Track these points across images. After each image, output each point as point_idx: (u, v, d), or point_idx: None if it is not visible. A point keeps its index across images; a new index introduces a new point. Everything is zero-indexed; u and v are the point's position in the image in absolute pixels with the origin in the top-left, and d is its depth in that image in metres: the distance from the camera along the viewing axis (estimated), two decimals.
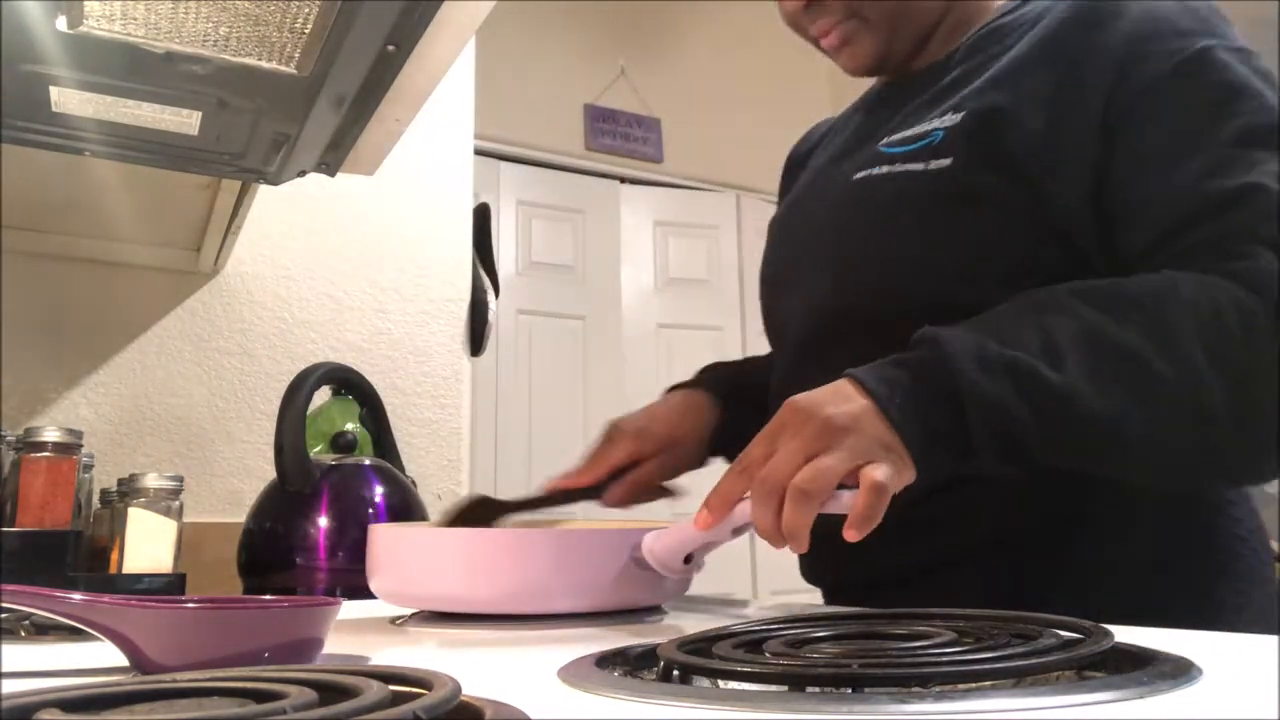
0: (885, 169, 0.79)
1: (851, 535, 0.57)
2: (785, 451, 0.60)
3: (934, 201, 0.75)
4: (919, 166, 0.76)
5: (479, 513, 0.84)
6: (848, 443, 0.59)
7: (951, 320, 0.68)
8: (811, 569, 0.87)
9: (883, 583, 0.80)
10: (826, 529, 0.58)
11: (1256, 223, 0.64)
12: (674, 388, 0.98)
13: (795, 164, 1.04)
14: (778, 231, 0.95)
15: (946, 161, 0.74)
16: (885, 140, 0.82)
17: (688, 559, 0.69)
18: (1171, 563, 0.73)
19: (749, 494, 0.61)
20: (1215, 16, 0.73)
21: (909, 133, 0.79)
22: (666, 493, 0.92)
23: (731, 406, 0.95)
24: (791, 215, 0.94)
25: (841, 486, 0.59)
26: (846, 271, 0.81)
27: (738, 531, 0.65)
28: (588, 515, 0.93)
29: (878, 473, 0.57)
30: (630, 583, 0.70)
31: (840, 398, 0.61)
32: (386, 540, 0.74)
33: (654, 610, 0.77)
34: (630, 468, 0.89)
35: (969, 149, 0.74)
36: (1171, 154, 0.69)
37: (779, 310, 0.91)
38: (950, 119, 0.76)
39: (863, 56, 0.86)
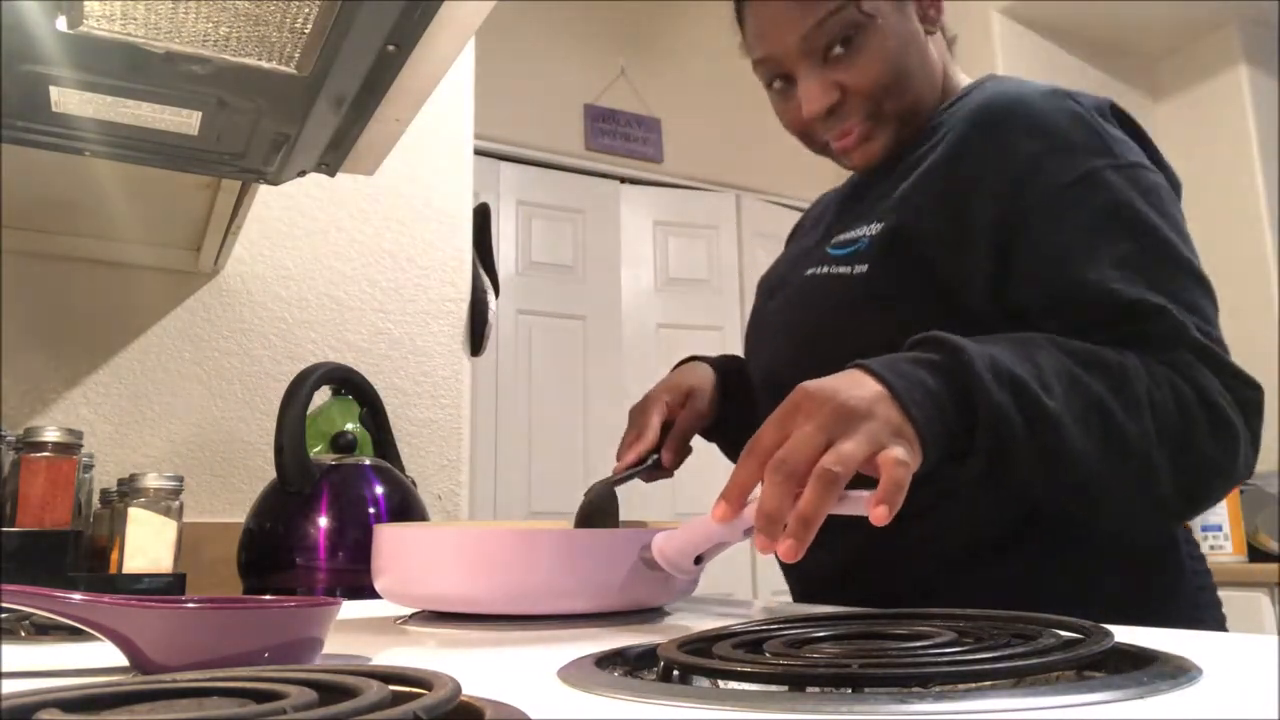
0: (826, 270, 0.86)
1: (881, 514, 0.55)
2: (802, 434, 0.58)
3: (858, 302, 0.81)
4: (847, 270, 0.83)
5: (604, 507, 0.87)
6: (864, 428, 0.59)
7: None
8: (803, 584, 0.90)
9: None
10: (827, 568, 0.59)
11: (1171, 334, 0.71)
12: (678, 365, 1.07)
13: (797, 231, 1.11)
14: (758, 301, 1.02)
15: (865, 268, 0.81)
16: (834, 240, 0.88)
17: (698, 559, 0.69)
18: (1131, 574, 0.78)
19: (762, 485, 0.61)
20: (1105, 132, 0.78)
21: (846, 236, 0.86)
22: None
23: (727, 378, 1.02)
24: (766, 294, 1.01)
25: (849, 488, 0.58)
26: (793, 358, 0.88)
27: (748, 532, 0.63)
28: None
29: (896, 452, 0.58)
30: (634, 584, 0.70)
31: (853, 384, 0.61)
32: (391, 540, 0.74)
33: (655, 610, 0.77)
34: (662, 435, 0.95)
35: (883, 257, 0.80)
36: (1077, 257, 0.74)
37: (752, 365, 0.99)
38: (875, 227, 0.83)
39: (876, 151, 0.89)
